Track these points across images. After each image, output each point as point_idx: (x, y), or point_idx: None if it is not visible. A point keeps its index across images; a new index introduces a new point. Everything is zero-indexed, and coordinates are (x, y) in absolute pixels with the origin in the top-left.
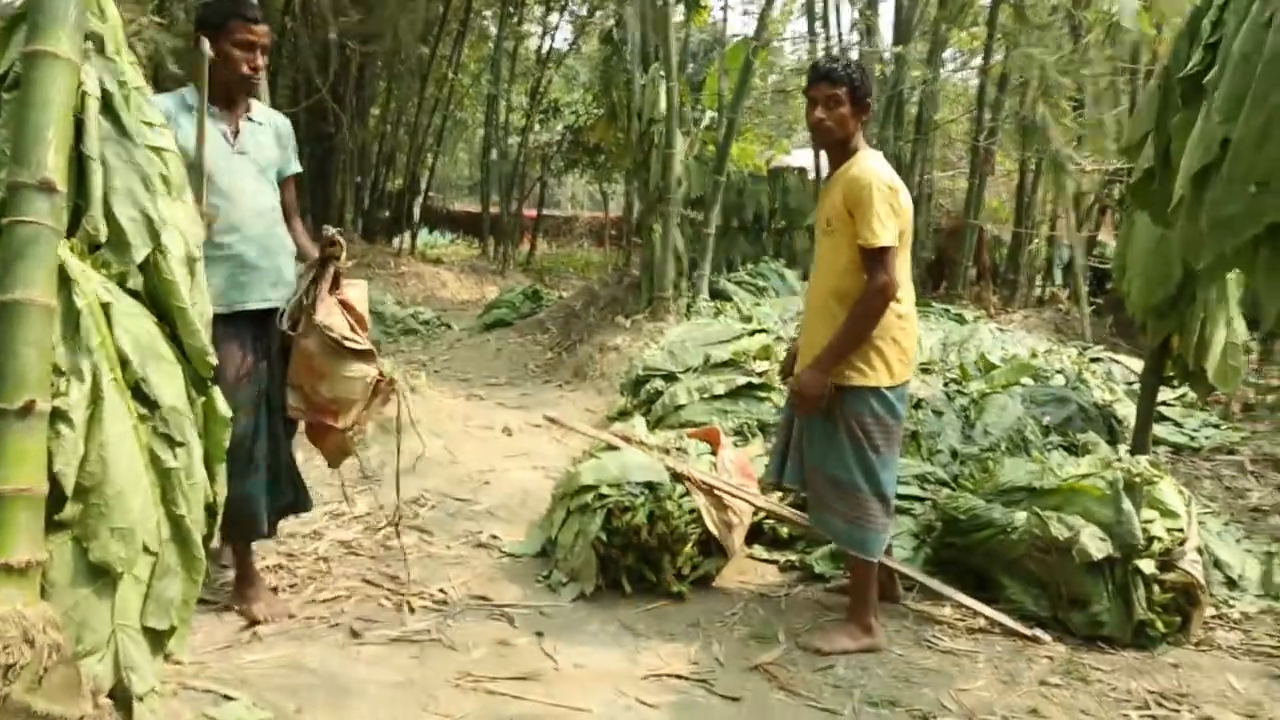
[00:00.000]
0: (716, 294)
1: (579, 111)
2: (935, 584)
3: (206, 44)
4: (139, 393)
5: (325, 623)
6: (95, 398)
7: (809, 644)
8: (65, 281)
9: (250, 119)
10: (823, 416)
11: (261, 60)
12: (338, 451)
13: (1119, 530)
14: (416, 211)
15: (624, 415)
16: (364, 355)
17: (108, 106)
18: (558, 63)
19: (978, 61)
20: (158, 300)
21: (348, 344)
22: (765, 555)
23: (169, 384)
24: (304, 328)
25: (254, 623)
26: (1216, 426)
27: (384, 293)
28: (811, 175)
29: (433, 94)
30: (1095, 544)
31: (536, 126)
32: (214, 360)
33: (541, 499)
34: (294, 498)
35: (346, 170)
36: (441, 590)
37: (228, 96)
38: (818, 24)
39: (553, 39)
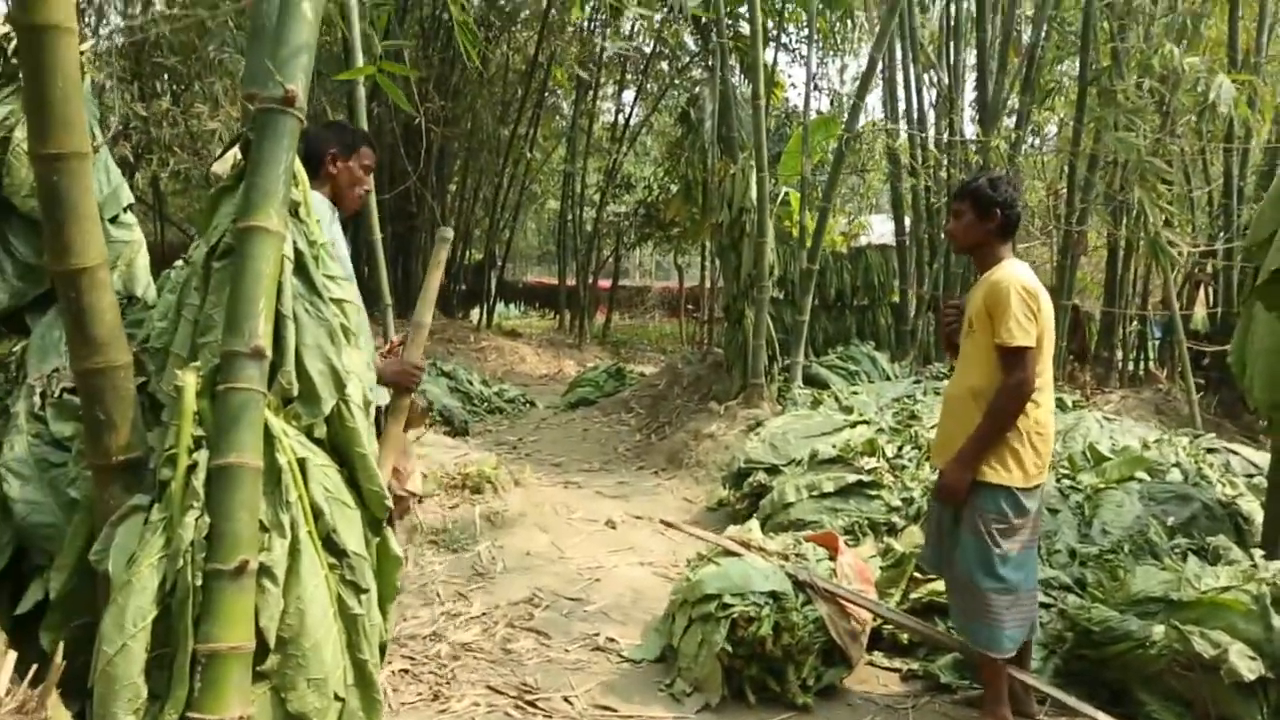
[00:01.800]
0: (809, 379)
1: (651, 186)
2: (1072, 700)
3: (450, 231)
4: (329, 542)
5: None
6: (294, 551)
7: None
8: (268, 439)
9: None
10: (955, 511)
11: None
12: (403, 515)
13: (1270, 649)
14: (493, 285)
15: (723, 505)
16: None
17: (300, 266)
18: (631, 139)
19: (1053, 131)
20: (339, 447)
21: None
22: (886, 663)
23: (352, 530)
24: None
25: None
26: None
27: (469, 370)
28: (893, 245)
29: (510, 170)
30: (1245, 663)
31: (610, 202)
32: (390, 504)
33: (653, 598)
34: None
35: (427, 247)
36: (566, 700)
37: (341, 209)
38: (900, 104)
39: (627, 117)
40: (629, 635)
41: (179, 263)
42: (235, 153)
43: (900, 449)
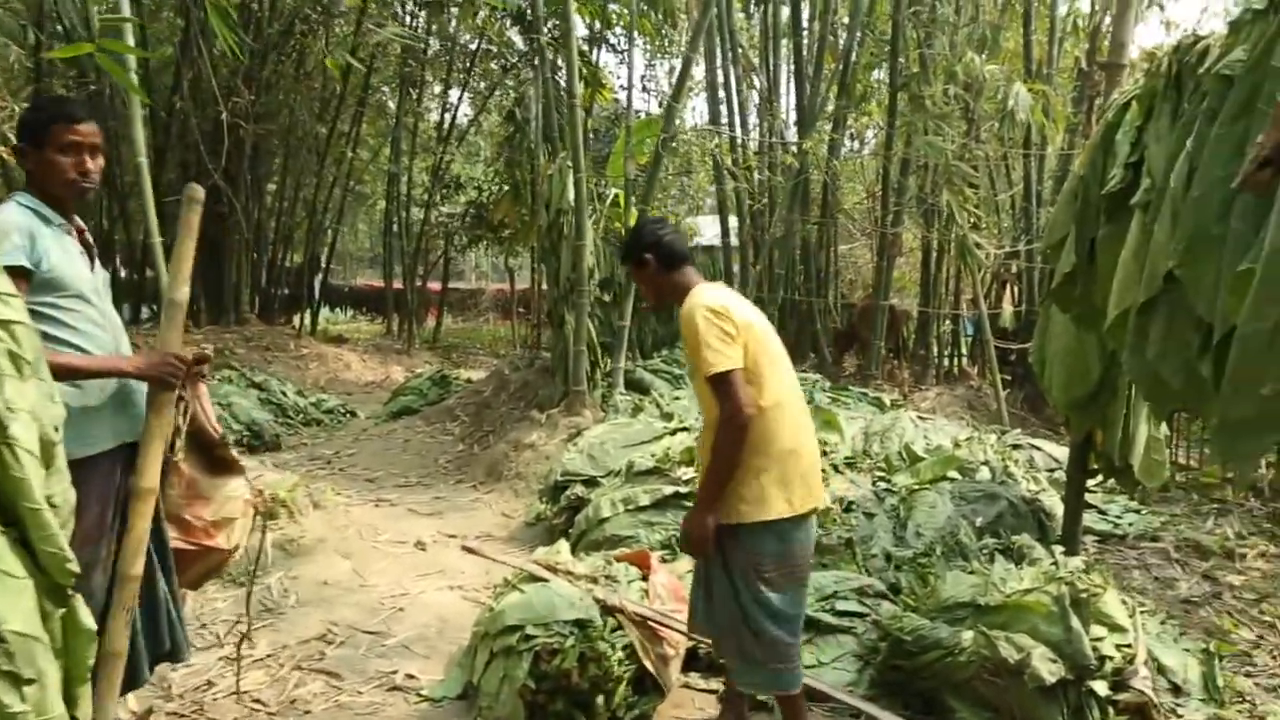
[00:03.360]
0: (632, 383)
1: (481, 186)
2: (885, 715)
3: (199, 190)
4: None
5: None
6: None
7: None
8: None
9: (84, 230)
10: (720, 558)
11: (93, 163)
12: (212, 573)
13: (1069, 650)
14: (317, 289)
15: (541, 520)
16: (240, 470)
17: None
18: (459, 139)
19: (871, 135)
20: (3, 502)
21: (236, 461)
22: (703, 684)
23: (16, 605)
24: (182, 453)
25: None
26: (1138, 512)
27: (283, 380)
28: (719, 246)
29: (331, 170)
30: (1047, 666)
31: (439, 199)
32: (75, 568)
33: (460, 626)
34: (170, 646)
35: (242, 249)
36: None
37: (62, 207)
38: (721, 107)
39: (453, 115)
40: (432, 670)
41: None
42: None
43: None
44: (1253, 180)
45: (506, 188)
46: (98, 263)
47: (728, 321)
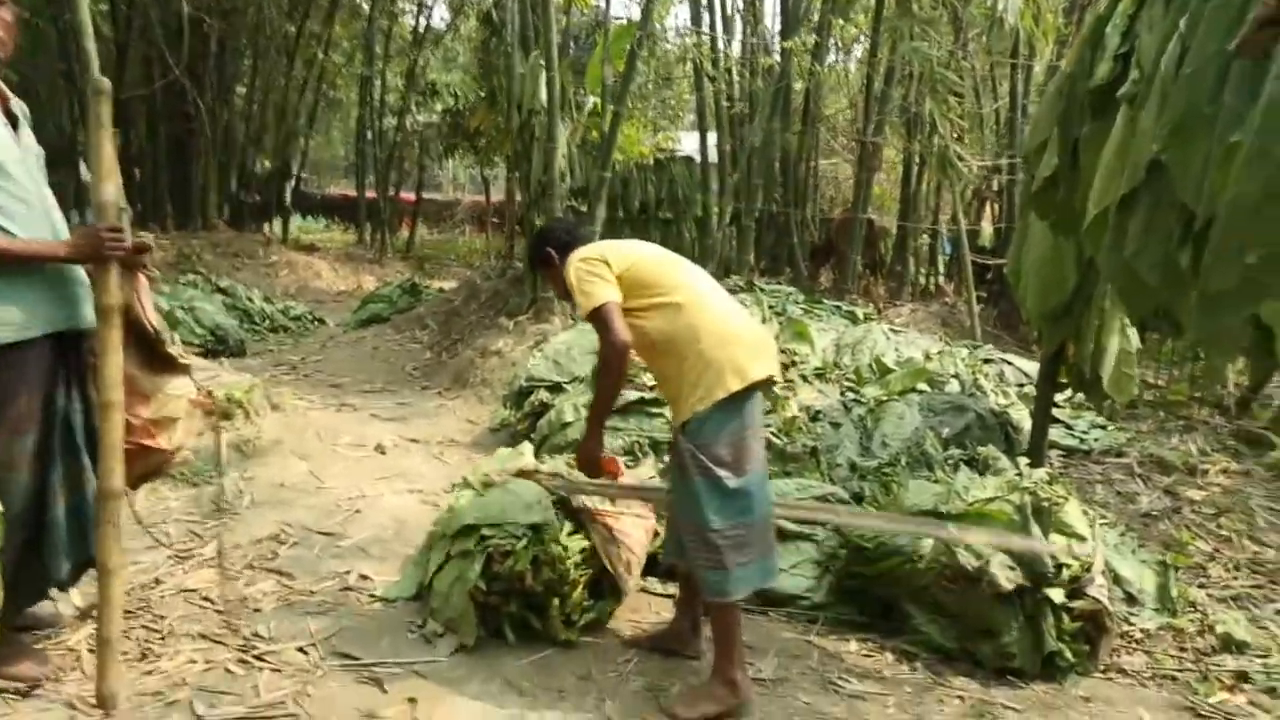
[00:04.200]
0: None
1: (458, 94)
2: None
3: (105, 82)
4: None
5: (161, 700)
6: None
7: (669, 710)
8: None
9: (9, 97)
10: (677, 468)
11: None
12: (152, 474)
13: (1029, 557)
14: (288, 196)
15: (506, 426)
16: (184, 369)
17: None
18: (435, 43)
19: (858, 49)
20: None
21: (179, 358)
22: (661, 589)
23: None
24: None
25: (34, 684)
26: (1104, 428)
27: (251, 286)
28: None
29: (302, 72)
30: (1005, 574)
31: (414, 108)
32: None
33: (417, 528)
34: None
35: (209, 152)
36: (301, 650)
37: None
38: (703, 10)
39: (429, 18)
40: (386, 572)
41: None
42: None
43: None
44: (1251, 42)
45: (483, 95)
46: (28, 134)
47: (596, 264)
